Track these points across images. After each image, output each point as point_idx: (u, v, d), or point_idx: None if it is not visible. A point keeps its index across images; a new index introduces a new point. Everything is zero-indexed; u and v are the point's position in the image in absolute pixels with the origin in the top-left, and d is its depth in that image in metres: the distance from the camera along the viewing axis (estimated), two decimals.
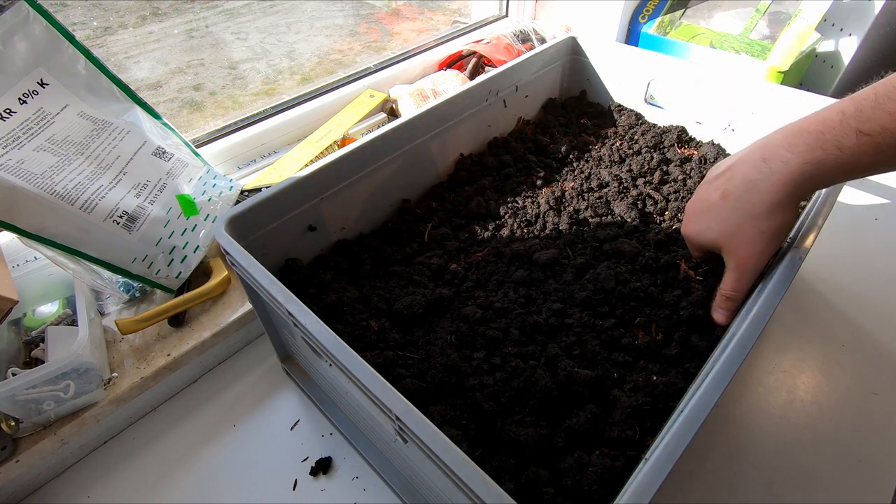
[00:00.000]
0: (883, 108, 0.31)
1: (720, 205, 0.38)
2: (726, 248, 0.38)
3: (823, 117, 0.34)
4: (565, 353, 0.43)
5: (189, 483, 0.47)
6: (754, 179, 0.36)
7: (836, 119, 0.33)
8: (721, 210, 0.38)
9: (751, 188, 0.36)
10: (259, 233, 0.47)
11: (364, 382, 0.31)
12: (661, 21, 0.96)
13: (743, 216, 0.37)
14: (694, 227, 0.41)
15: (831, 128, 0.33)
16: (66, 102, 0.52)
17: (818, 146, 0.34)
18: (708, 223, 0.39)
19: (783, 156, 0.35)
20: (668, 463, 0.26)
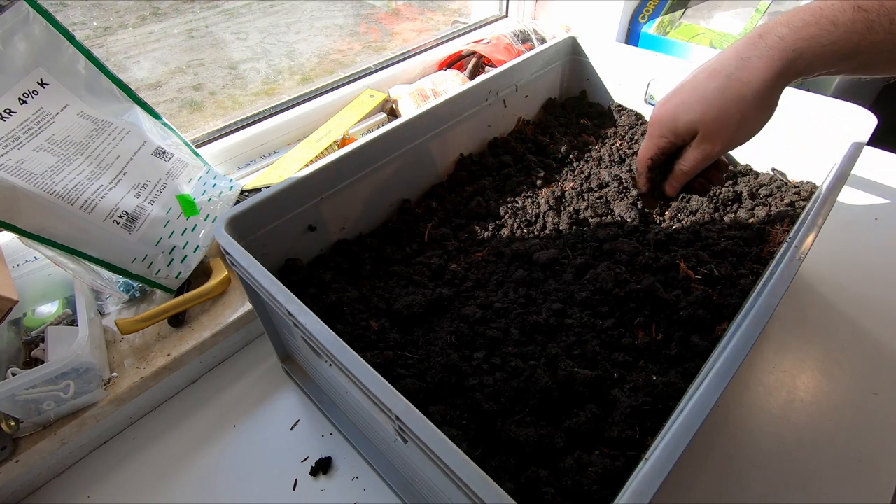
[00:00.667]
0: None
1: (706, 84, 0.36)
2: (704, 130, 0.37)
3: (821, 6, 0.33)
4: (565, 353, 0.43)
5: (189, 483, 0.47)
6: (749, 56, 0.34)
7: (845, 5, 0.31)
8: (706, 89, 0.36)
9: (743, 65, 0.34)
10: (259, 233, 0.47)
11: (364, 382, 0.31)
12: (661, 21, 0.96)
13: (730, 98, 0.35)
14: (670, 107, 0.38)
15: (831, 2, 0.32)
16: (66, 102, 0.52)
17: (814, 21, 0.32)
18: (690, 102, 0.37)
19: (780, 31, 0.33)
20: (668, 463, 0.26)
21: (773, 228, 0.55)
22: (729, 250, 0.52)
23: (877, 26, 0.30)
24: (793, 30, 0.33)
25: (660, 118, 0.39)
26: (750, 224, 0.56)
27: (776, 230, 0.55)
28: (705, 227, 0.57)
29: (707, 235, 0.55)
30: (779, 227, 0.55)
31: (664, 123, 0.39)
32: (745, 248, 0.53)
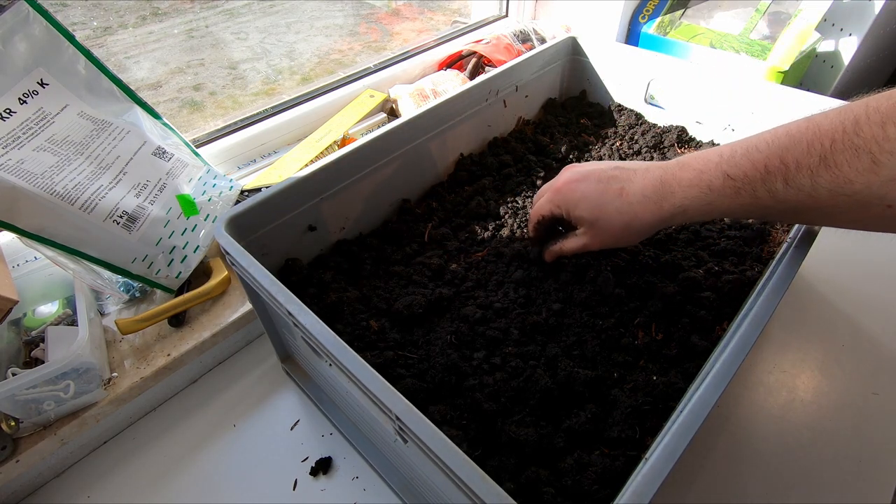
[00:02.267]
0: (749, 156, 0.34)
1: (612, 198, 0.41)
2: (591, 231, 0.43)
3: (707, 157, 0.37)
4: (565, 353, 0.43)
5: (189, 483, 0.47)
6: (649, 196, 0.39)
7: (715, 160, 0.36)
8: (609, 202, 0.41)
9: (642, 202, 0.40)
10: (259, 233, 0.47)
11: (364, 382, 0.31)
12: (661, 21, 0.96)
13: (622, 222, 0.41)
14: (577, 193, 0.43)
15: (710, 168, 0.37)
16: (66, 102, 0.52)
17: (696, 183, 0.37)
18: (591, 201, 0.42)
19: (672, 186, 0.38)
20: (668, 463, 0.26)
21: (774, 228, 0.55)
22: (729, 250, 0.52)
23: (743, 193, 0.35)
24: (682, 187, 0.38)
25: (565, 195, 0.44)
26: (750, 224, 0.56)
27: (776, 230, 0.55)
28: (705, 226, 0.57)
29: (707, 235, 0.55)
30: (779, 227, 0.55)
31: (566, 201, 0.44)
32: (745, 248, 0.53)
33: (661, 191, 0.39)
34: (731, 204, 0.36)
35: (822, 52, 0.97)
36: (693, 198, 0.37)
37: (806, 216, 0.35)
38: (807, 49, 0.85)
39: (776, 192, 0.33)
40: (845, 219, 0.33)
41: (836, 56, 0.96)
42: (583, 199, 0.43)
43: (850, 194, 0.31)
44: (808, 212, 0.34)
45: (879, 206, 0.31)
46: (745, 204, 0.35)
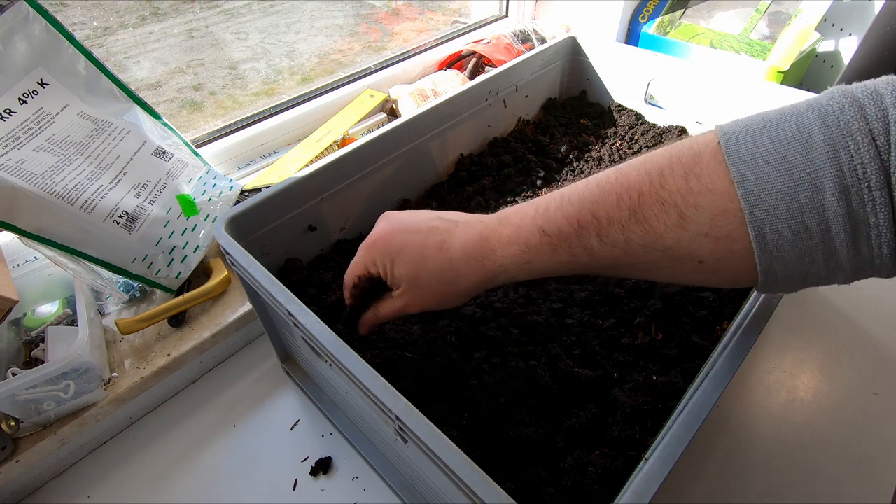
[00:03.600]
0: (563, 210, 0.32)
1: (435, 255, 0.36)
2: (413, 291, 0.37)
3: (525, 211, 0.35)
4: (565, 352, 0.43)
5: (189, 483, 0.47)
6: (472, 253, 0.36)
7: (531, 214, 0.34)
8: (432, 259, 0.36)
9: (464, 260, 0.36)
10: (259, 233, 0.47)
11: (364, 382, 0.31)
12: (661, 21, 0.96)
13: (447, 279, 0.36)
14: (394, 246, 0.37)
15: (526, 223, 0.34)
16: (66, 102, 0.52)
17: (514, 241, 0.34)
18: (411, 260, 0.37)
19: (493, 243, 0.35)
20: (668, 463, 0.26)
21: None
22: None
23: (560, 250, 0.32)
24: (501, 244, 0.35)
25: (382, 249, 0.38)
26: None
27: None
28: None
29: None
30: None
31: (383, 255, 0.38)
32: None
33: (482, 247, 0.35)
34: (549, 262, 0.33)
35: (822, 52, 0.97)
36: (512, 256, 0.34)
37: (625, 271, 0.33)
38: (807, 49, 0.85)
39: (592, 248, 0.31)
40: (664, 274, 0.32)
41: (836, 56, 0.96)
42: (401, 253, 0.37)
43: (662, 250, 0.30)
44: (626, 268, 0.32)
45: (692, 262, 0.29)
46: (563, 262, 0.33)
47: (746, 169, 0.26)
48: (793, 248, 0.26)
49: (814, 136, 0.25)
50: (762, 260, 0.27)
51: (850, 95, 0.25)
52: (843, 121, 0.24)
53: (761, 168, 0.26)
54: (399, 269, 0.37)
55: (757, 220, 0.26)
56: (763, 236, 0.26)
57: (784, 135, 0.26)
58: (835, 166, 0.24)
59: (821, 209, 0.25)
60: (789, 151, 0.25)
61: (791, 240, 0.26)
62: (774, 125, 0.27)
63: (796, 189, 0.25)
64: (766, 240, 0.26)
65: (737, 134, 0.28)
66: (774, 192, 0.25)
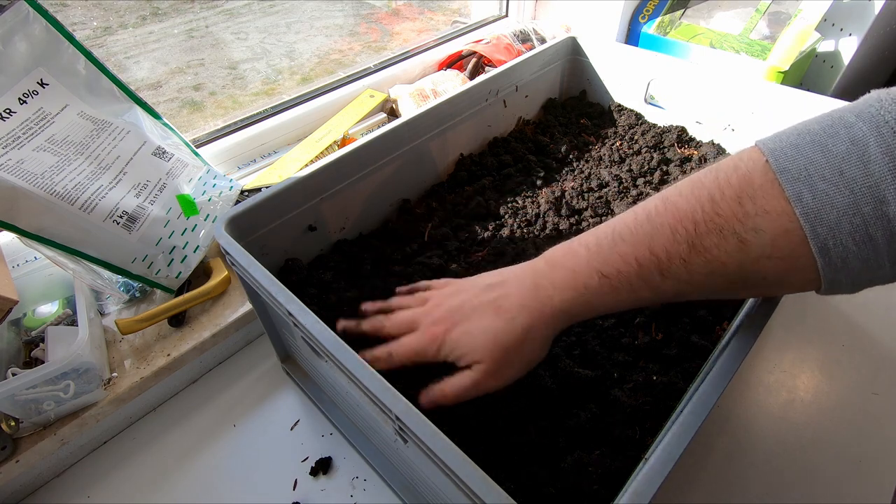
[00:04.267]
0: (617, 249, 0.32)
1: (494, 323, 0.35)
2: (487, 366, 0.34)
3: (576, 252, 0.34)
4: (565, 352, 0.43)
5: (189, 483, 0.47)
6: (529, 305, 0.34)
7: (584, 256, 0.33)
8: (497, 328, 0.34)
9: (526, 312, 0.34)
10: (259, 233, 0.47)
11: (364, 382, 0.31)
12: (661, 21, 0.96)
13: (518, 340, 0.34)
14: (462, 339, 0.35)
15: (581, 266, 0.33)
16: (66, 102, 0.52)
17: (570, 285, 0.33)
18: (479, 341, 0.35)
19: (548, 290, 0.34)
20: (668, 463, 0.26)
21: None
22: None
23: (622, 291, 0.32)
24: (557, 290, 0.34)
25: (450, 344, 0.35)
26: None
27: None
28: None
29: None
30: None
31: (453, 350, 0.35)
32: None
33: (538, 297, 0.34)
34: (612, 302, 0.33)
35: (822, 52, 0.97)
36: (571, 300, 0.33)
37: (690, 297, 0.33)
38: (807, 49, 0.85)
39: (654, 284, 0.31)
40: (728, 293, 0.32)
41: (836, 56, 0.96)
42: (466, 339, 0.35)
43: (725, 275, 0.30)
44: (690, 295, 0.32)
45: (756, 279, 0.30)
46: (625, 300, 0.33)
47: (802, 187, 0.26)
48: (858, 258, 0.26)
49: (870, 149, 0.25)
50: (826, 272, 0.27)
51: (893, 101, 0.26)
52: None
53: (817, 185, 0.26)
54: (470, 348, 0.35)
55: (819, 236, 0.26)
56: (827, 251, 0.27)
57: (838, 149, 0.26)
58: (894, 175, 0.24)
59: (885, 220, 0.25)
60: (846, 166, 0.26)
61: (856, 252, 0.26)
62: (825, 139, 0.27)
63: (858, 203, 0.25)
64: (831, 254, 0.27)
65: (785, 150, 0.28)
66: (835, 207, 0.26)
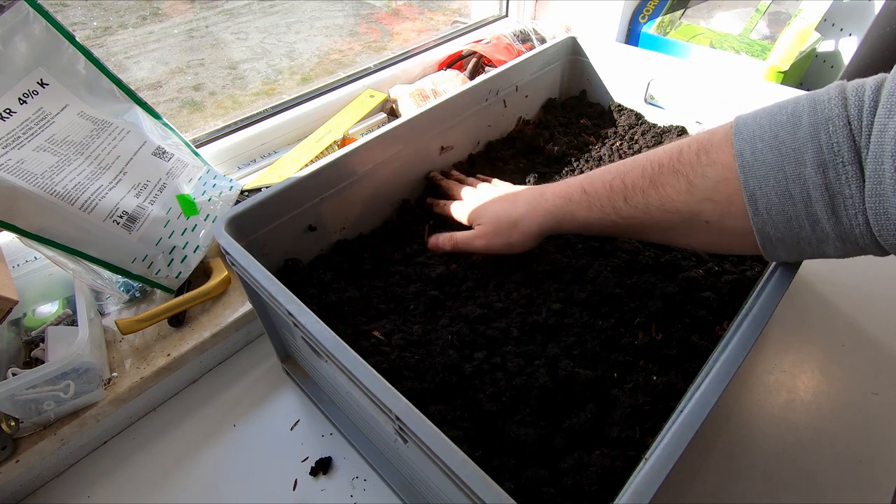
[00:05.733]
0: (602, 177, 0.41)
1: (507, 205, 0.49)
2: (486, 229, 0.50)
3: (575, 177, 0.45)
4: (565, 353, 0.43)
5: (189, 483, 0.47)
6: (531, 202, 0.47)
7: (579, 179, 0.44)
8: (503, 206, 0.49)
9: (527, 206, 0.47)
10: (259, 233, 0.47)
11: (364, 382, 0.31)
12: (661, 21, 0.96)
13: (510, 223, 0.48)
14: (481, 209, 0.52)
15: (574, 183, 0.44)
16: (66, 102, 0.52)
17: (561, 194, 0.44)
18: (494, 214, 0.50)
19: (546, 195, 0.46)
20: (668, 463, 0.26)
21: None
22: None
23: (594, 207, 0.41)
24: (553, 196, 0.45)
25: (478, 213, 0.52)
26: None
27: None
28: None
29: None
30: None
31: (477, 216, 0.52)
32: None
33: (539, 198, 0.46)
34: (586, 215, 0.42)
35: (822, 52, 0.97)
36: (558, 206, 0.44)
37: (648, 232, 0.40)
38: (807, 49, 0.85)
39: (619, 208, 0.39)
40: (678, 235, 0.38)
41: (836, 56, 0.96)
42: (483, 210, 0.51)
43: (674, 211, 0.36)
44: (648, 228, 0.39)
45: (699, 221, 0.35)
46: (596, 217, 0.41)
47: (745, 145, 0.32)
48: (781, 212, 0.31)
49: (802, 119, 0.30)
50: (755, 221, 0.32)
51: (841, 87, 0.30)
52: (827, 108, 0.29)
53: (757, 144, 0.31)
54: (480, 212, 0.51)
55: (749, 185, 0.31)
56: (755, 200, 0.31)
57: (780, 118, 0.31)
58: (815, 144, 0.29)
59: (802, 179, 0.29)
60: (780, 131, 0.30)
61: (778, 204, 0.30)
62: (777, 110, 0.32)
63: (783, 162, 0.30)
64: (758, 204, 0.31)
65: (746, 119, 0.33)
66: (765, 163, 0.30)
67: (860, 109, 0.28)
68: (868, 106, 0.27)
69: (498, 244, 0.49)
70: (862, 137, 0.27)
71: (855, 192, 0.28)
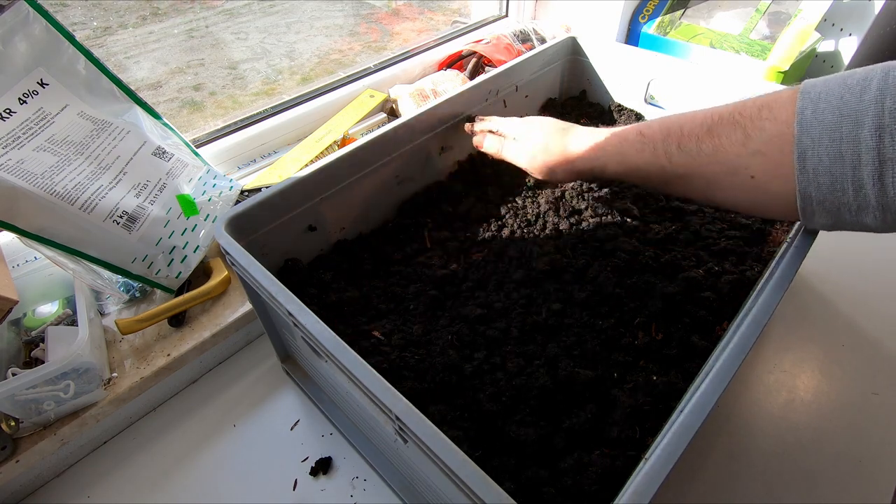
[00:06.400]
0: (660, 123, 0.41)
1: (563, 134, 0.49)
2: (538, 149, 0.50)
3: (635, 123, 0.46)
4: (565, 353, 0.43)
5: (189, 483, 0.47)
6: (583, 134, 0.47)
7: (637, 123, 0.43)
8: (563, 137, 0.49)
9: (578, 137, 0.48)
10: (259, 233, 0.47)
11: (364, 382, 0.31)
12: (661, 21, 0.96)
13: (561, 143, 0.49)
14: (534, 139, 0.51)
15: (631, 126, 0.43)
16: (66, 102, 0.52)
17: (617, 133, 0.44)
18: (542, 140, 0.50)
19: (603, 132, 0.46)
20: (668, 463, 0.26)
21: (773, 228, 0.55)
22: (729, 250, 0.52)
23: (646, 150, 0.41)
24: (610, 133, 0.45)
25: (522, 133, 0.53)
26: (750, 224, 0.56)
27: (776, 230, 0.55)
28: (705, 226, 0.57)
29: (707, 235, 0.55)
30: (778, 227, 0.55)
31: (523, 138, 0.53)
32: (745, 248, 0.53)
33: (593, 133, 0.46)
34: (636, 158, 0.42)
35: (822, 52, 0.97)
36: (612, 144, 0.44)
37: (692, 184, 0.39)
38: (807, 49, 0.85)
39: (671, 153, 0.39)
40: (723, 189, 0.38)
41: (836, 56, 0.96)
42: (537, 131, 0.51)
43: (724, 162, 0.36)
44: (693, 178, 0.39)
45: (745, 175, 0.35)
46: (647, 160, 0.41)
47: (808, 104, 0.31)
48: (828, 172, 0.30)
49: (872, 84, 0.29)
50: (800, 181, 0.31)
51: None
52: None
53: (820, 105, 0.31)
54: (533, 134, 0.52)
55: (802, 143, 0.31)
56: (804, 159, 0.31)
57: (851, 82, 0.30)
58: (878, 107, 0.28)
59: (856, 142, 0.28)
60: (847, 93, 0.30)
61: (828, 165, 0.30)
62: (849, 75, 0.31)
63: (841, 123, 0.29)
64: (807, 163, 0.31)
65: (815, 82, 0.32)
66: (824, 123, 0.30)
67: None
68: None
69: (542, 167, 0.49)
70: None
71: None
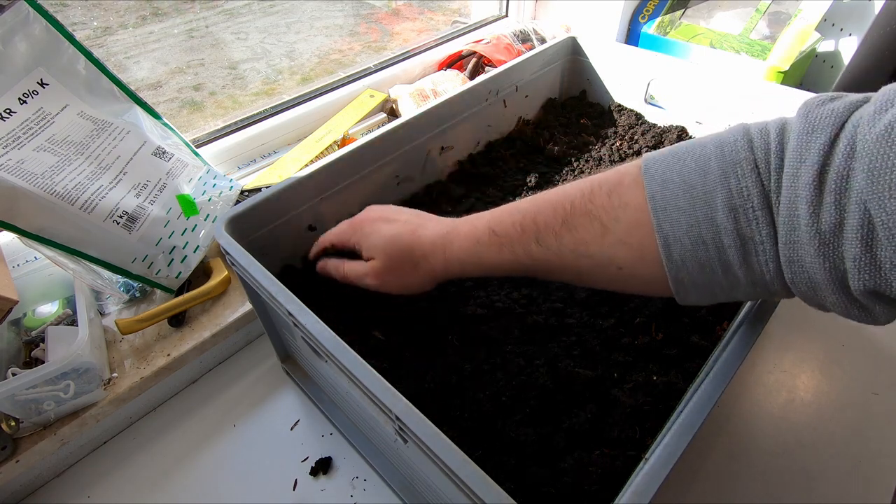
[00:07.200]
0: (511, 217, 0.37)
1: (407, 238, 0.42)
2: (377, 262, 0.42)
3: (482, 215, 0.40)
4: (565, 352, 0.43)
5: (189, 483, 0.47)
6: (437, 243, 0.41)
7: (486, 218, 0.39)
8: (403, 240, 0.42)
9: (433, 247, 0.41)
10: (259, 233, 0.47)
11: (364, 382, 0.31)
12: (661, 21, 0.96)
13: (411, 263, 0.41)
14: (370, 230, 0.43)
15: (481, 224, 0.39)
16: (66, 102, 0.52)
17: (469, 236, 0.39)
18: (385, 239, 0.42)
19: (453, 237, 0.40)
20: (668, 463, 0.26)
21: None
22: None
23: (505, 250, 0.37)
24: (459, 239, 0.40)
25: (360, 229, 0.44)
26: None
27: None
28: None
29: None
30: None
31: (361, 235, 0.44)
32: None
33: (445, 238, 0.40)
34: (496, 259, 0.38)
35: (822, 52, 0.97)
36: (466, 249, 0.39)
37: (561, 275, 0.37)
38: (807, 49, 0.85)
39: (531, 251, 0.36)
40: (594, 279, 0.35)
41: (836, 56, 0.96)
42: (378, 233, 0.43)
43: (588, 255, 0.33)
44: (560, 271, 0.36)
45: (613, 268, 0.33)
46: (507, 259, 0.37)
47: (657, 187, 0.30)
48: (694, 257, 0.29)
49: (711, 163, 0.29)
50: (669, 267, 0.30)
51: (745, 130, 0.29)
52: (734, 151, 0.28)
53: (669, 187, 0.30)
54: (375, 241, 0.42)
55: (663, 230, 0.30)
56: (668, 245, 0.30)
57: (689, 163, 0.30)
58: (725, 188, 0.28)
59: (714, 224, 0.28)
60: (690, 175, 0.29)
61: (691, 250, 0.29)
62: (684, 153, 0.31)
63: (694, 206, 0.29)
64: (671, 249, 0.30)
65: (655, 159, 0.32)
66: (678, 207, 0.29)
67: (767, 153, 0.27)
68: (774, 149, 0.27)
69: (393, 285, 0.43)
70: (771, 182, 0.27)
71: (765, 238, 0.27)
